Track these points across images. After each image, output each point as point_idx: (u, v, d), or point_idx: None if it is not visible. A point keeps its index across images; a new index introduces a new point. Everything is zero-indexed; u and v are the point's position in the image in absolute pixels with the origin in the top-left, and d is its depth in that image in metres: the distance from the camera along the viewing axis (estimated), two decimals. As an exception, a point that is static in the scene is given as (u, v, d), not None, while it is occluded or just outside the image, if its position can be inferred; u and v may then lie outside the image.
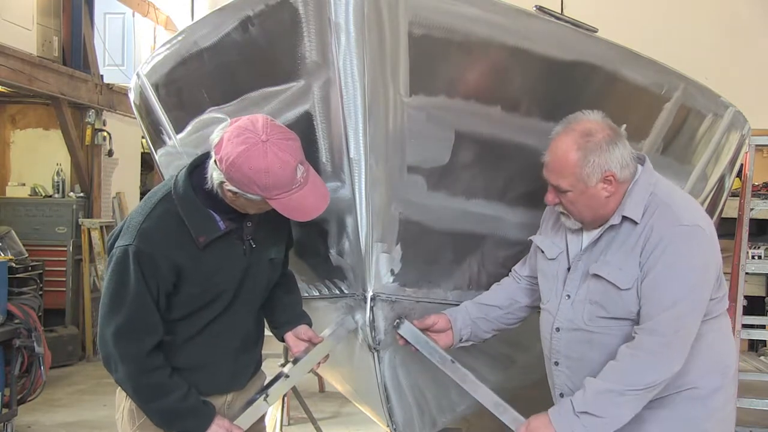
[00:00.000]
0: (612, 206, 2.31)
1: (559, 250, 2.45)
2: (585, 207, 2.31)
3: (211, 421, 2.33)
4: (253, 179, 2.12)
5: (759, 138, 5.11)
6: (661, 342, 2.22)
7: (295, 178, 2.15)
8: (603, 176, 2.27)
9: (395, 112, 2.40)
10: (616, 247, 2.31)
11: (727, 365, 2.43)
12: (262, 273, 2.43)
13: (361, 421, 5.57)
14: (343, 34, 2.27)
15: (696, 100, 3.35)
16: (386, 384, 2.73)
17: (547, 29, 2.67)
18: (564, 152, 2.28)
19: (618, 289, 2.27)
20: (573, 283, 2.38)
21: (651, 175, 2.36)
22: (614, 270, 2.28)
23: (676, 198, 2.35)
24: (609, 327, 2.32)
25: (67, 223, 8.03)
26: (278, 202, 2.17)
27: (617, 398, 2.23)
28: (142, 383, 2.26)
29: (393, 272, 2.58)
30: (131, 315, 2.21)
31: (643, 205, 2.29)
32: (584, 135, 2.27)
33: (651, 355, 2.22)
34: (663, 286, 2.22)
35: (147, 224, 2.23)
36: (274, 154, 2.11)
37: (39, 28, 7.58)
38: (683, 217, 2.26)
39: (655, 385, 2.24)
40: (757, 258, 6.75)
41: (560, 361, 2.43)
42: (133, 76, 3.65)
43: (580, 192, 2.29)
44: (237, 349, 2.46)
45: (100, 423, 5.77)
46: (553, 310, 2.43)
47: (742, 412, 5.20)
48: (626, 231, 2.30)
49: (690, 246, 2.24)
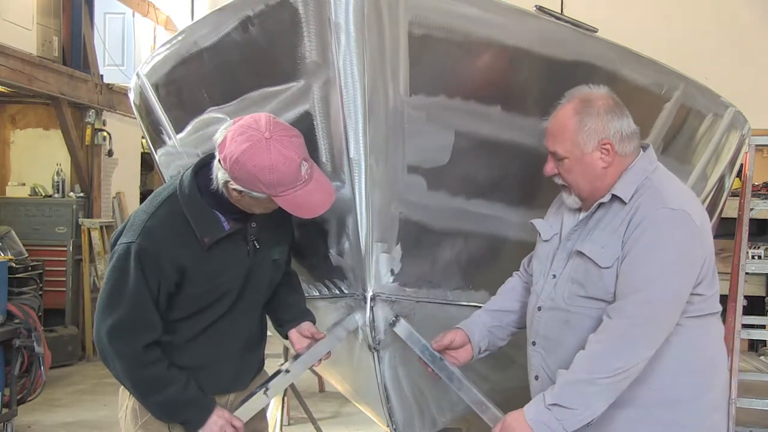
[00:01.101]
0: (609, 181, 2.27)
1: (554, 231, 2.42)
2: (581, 177, 2.27)
3: (211, 412, 2.34)
4: (257, 176, 2.12)
5: (759, 138, 5.10)
6: (626, 324, 2.14)
7: (300, 175, 2.15)
8: (599, 143, 2.24)
9: (395, 112, 2.40)
10: (603, 225, 2.26)
11: (713, 372, 2.31)
12: (266, 273, 2.43)
13: (361, 421, 5.57)
14: (343, 34, 2.27)
15: (696, 100, 3.36)
16: (386, 384, 2.73)
17: (547, 29, 2.68)
18: (562, 117, 2.28)
19: (598, 268, 2.21)
20: (559, 262, 2.34)
21: (651, 162, 2.32)
22: (596, 248, 2.23)
23: (671, 185, 2.30)
24: (586, 307, 2.25)
25: (67, 223, 8.03)
26: (283, 199, 2.16)
27: (587, 387, 2.15)
28: (140, 377, 2.27)
29: (393, 272, 2.58)
30: (128, 313, 2.21)
31: (635, 186, 2.23)
32: (583, 101, 2.28)
33: (616, 339, 2.14)
34: (637, 267, 2.16)
35: (151, 223, 2.23)
36: (277, 151, 2.11)
37: (39, 28, 7.58)
38: (670, 200, 2.20)
39: (625, 371, 2.13)
40: (757, 258, 6.77)
41: (537, 341, 2.38)
42: (133, 76, 3.66)
43: (577, 159, 2.26)
44: (240, 350, 2.46)
45: (100, 423, 5.78)
46: (538, 290, 2.38)
47: (742, 412, 5.21)
48: (614, 210, 2.25)
49: (671, 229, 2.17)
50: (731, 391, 5.04)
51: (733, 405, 5.00)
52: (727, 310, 5.29)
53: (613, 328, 2.15)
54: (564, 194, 2.37)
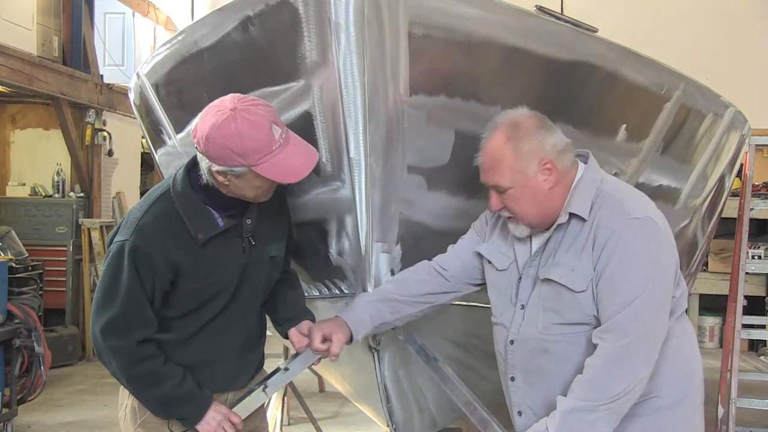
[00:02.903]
0: (557, 201, 2.17)
1: (509, 260, 2.30)
2: (529, 203, 2.17)
3: (208, 407, 2.34)
4: (229, 147, 2.09)
5: (759, 138, 5.10)
6: (620, 345, 2.06)
7: (273, 138, 2.12)
8: (541, 164, 2.14)
9: (395, 112, 2.40)
10: (565, 247, 2.16)
11: (692, 372, 2.28)
12: (262, 270, 2.43)
13: (361, 421, 5.57)
14: (343, 34, 2.27)
15: (696, 100, 3.36)
16: (386, 384, 2.73)
17: (547, 29, 2.68)
18: (495, 148, 2.17)
19: (572, 292, 2.13)
20: (525, 292, 2.24)
21: (596, 171, 2.24)
22: (566, 272, 2.13)
23: (624, 191, 2.22)
24: (565, 334, 2.17)
25: (67, 223, 8.02)
26: (263, 167, 2.12)
27: (588, 416, 2.07)
28: (135, 373, 2.27)
29: (393, 272, 2.57)
30: (122, 310, 2.21)
31: (590, 200, 2.15)
32: (510, 126, 2.17)
33: (612, 363, 2.07)
34: (617, 284, 2.08)
35: (145, 220, 2.23)
36: (243, 118, 2.10)
37: (39, 28, 7.57)
38: (633, 209, 2.13)
39: (625, 394, 2.07)
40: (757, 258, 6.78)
41: (516, 376, 2.29)
42: (133, 76, 3.66)
43: (522, 186, 2.15)
44: (238, 348, 2.46)
45: (100, 423, 5.78)
46: (507, 323, 2.28)
47: (742, 412, 5.21)
48: (574, 230, 2.16)
49: (642, 238, 2.10)
50: (731, 391, 5.05)
51: (733, 405, 5.01)
52: (727, 310, 5.30)
53: (609, 351, 2.08)
54: (511, 226, 2.26)
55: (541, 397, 2.23)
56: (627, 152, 3.11)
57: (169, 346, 2.32)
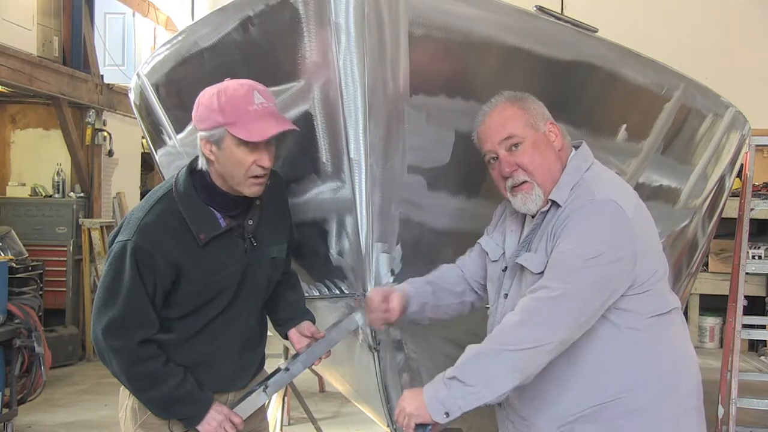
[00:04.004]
0: (557, 170, 2.19)
1: (500, 251, 2.34)
2: (542, 156, 2.17)
3: (209, 407, 2.34)
4: (209, 105, 2.17)
5: (759, 138, 5.11)
6: (541, 298, 2.01)
7: (251, 100, 2.15)
8: (548, 124, 2.22)
9: (395, 112, 2.40)
10: (540, 233, 2.17)
11: (674, 376, 2.16)
12: (263, 271, 2.43)
13: (361, 421, 5.57)
14: (343, 34, 2.27)
15: (696, 100, 3.36)
16: (386, 384, 2.73)
17: (547, 29, 2.68)
18: (503, 108, 2.22)
19: (533, 274, 2.12)
20: (508, 281, 2.25)
21: (584, 159, 2.24)
22: (530, 255, 2.15)
23: (600, 179, 2.19)
24: None
25: (68, 223, 8.03)
26: (237, 127, 2.14)
27: (491, 360, 2.00)
28: (136, 373, 2.27)
29: (393, 272, 2.58)
30: (124, 310, 2.21)
31: (570, 187, 2.15)
32: (514, 97, 2.25)
33: (531, 312, 2.01)
34: (559, 254, 2.05)
35: (147, 220, 2.23)
36: (231, 81, 2.20)
37: (39, 28, 7.58)
38: (598, 193, 2.10)
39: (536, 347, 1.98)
40: (757, 258, 6.77)
41: None
42: (133, 76, 3.66)
43: (534, 139, 2.18)
44: (239, 348, 2.46)
45: (100, 423, 5.78)
46: (494, 312, 2.29)
47: (742, 412, 5.21)
48: (551, 217, 2.15)
49: (597, 217, 2.06)
50: (732, 391, 5.05)
51: (733, 405, 5.01)
52: (728, 310, 5.31)
53: (528, 302, 2.04)
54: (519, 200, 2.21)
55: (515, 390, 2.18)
56: (627, 152, 3.12)
57: (170, 346, 2.32)
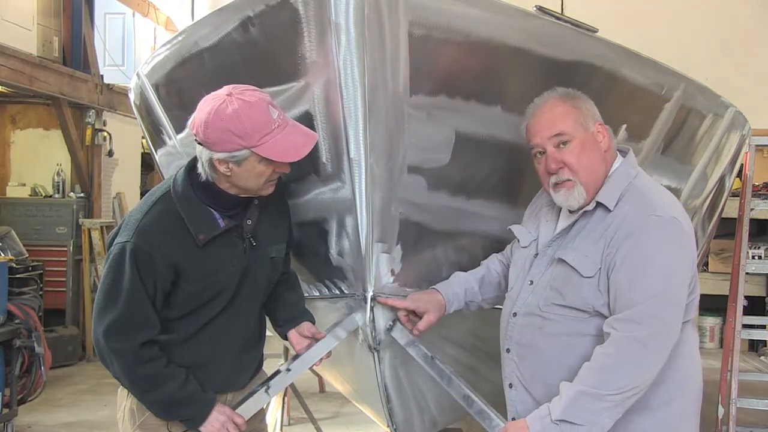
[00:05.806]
0: (604, 171, 2.24)
1: (532, 237, 2.39)
2: (588, 157, 2.22)
3: (211, 408, 2.33)
4: (228, 129, 2.10)
5: (759, 138, 5.11)
6: (636, 338, 2.07)
7: (271, 118, 2.14)
8: (596, 124, 2.27)
9: (395, 112, 2.40)
10: (585, 234, 2.21)
11: (683, 380, 2.25)
12: (262, 272, 2.43)
13: (361, 421, 5.57)
14: (343, 34, 2.27)
15: (696, 100, 3.36)
16: (386, 384, 2.73)
17: (547, 29, 2.68)
18: (555, 104, 2.28)
19: (580, 276, 2.17)
20: (538, 269, 2.30)
21: (632, 166, 2.29)
22: (580, 256, 2.18)
23: (655, 190, 2.26)
24: (561, 315, 2.21)
25: (68, 223, 8.03)
26: (265, 147, 2.14)
27: (595, 404, 2.07)
28: (138, 375, 2.26)
29: (393, 272, 2.58)
30: (124, 312, 2.21)
31: (619, 192, 2.20)
32: (566, 94, 2.30)
33: (627, 357, 2.07)
34: (636, 279, 2.10)
35: (145, 221, 2.23)
36: (239, 101, 2.12)
37: (39, 28, 7.58)
38: (659, 207, 2.15)
39: (634, 388, 2.08)
40: (757, 258, 6.76)
41: (511, 348, 2.34)
42: (133, 76, 3.66)
43: (582, 139, 2.23)
44: (238, 349, 2.46)
45: (100, 423, 5.78)
46: (514, 296, 2.35)
47: (742, 412, 5.21)
48: (598, 218, 2.20)
49: (665, 237, 2.12)
50: (732, 391, 5.05)
51: (733, 405, 5.01)
52: (728, 310, 5.31)
53: (624, 342, 2.08)
54: (561, 196, 2.25)
55: (529, 373, 2.29)
56: (627, 152, 3.11)
57: (169, 347, 2.32)
